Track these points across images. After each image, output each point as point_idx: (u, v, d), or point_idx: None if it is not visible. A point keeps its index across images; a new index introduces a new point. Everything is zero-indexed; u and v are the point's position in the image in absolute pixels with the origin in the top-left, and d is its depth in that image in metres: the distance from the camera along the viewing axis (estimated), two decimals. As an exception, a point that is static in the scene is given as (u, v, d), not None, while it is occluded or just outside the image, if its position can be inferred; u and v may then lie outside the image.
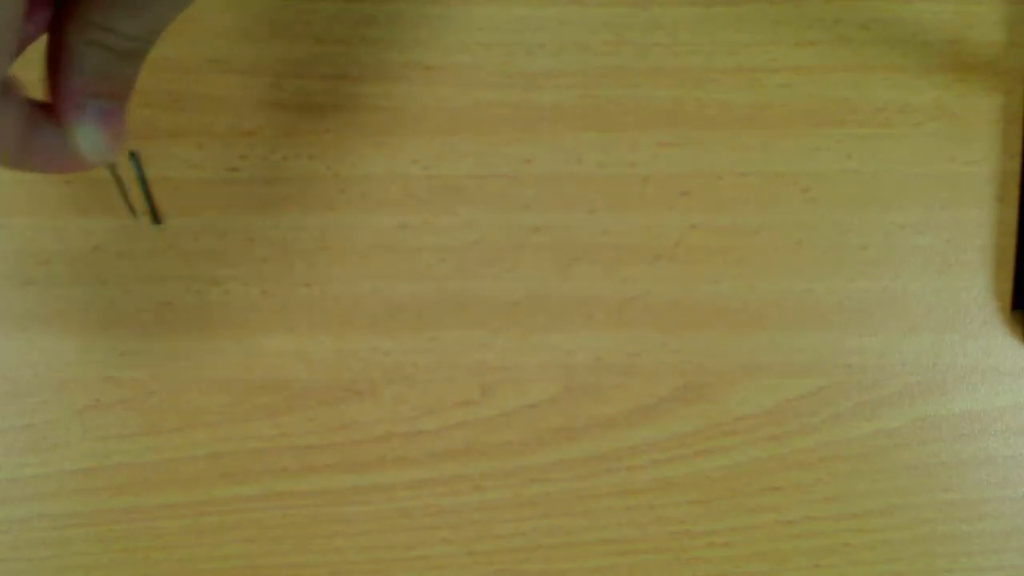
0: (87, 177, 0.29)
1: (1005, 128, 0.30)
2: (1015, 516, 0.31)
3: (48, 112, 0.20)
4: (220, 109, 0.30)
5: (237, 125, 0.30)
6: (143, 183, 0.28)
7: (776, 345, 0.31)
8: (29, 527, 0.31)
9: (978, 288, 0.31)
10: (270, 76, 0.29)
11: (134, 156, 0.28)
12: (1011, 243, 0.30)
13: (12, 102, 0.19)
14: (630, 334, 0.30)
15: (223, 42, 0.29)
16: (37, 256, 0.30)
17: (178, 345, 0.30)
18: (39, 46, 0.20)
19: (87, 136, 0.20)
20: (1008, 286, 0.31)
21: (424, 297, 0.30)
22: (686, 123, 0.30)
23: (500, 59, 0.30)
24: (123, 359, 0.30)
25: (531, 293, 0.30)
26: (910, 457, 0.31)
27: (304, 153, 0.30)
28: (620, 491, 0.31)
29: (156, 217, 0.29)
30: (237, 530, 0.31)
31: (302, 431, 0.30)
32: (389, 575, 0.31)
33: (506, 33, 0.30)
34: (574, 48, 0.30)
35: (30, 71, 0.22)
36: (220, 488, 0.31)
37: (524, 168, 0.30)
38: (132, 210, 0.28)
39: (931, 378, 0.31)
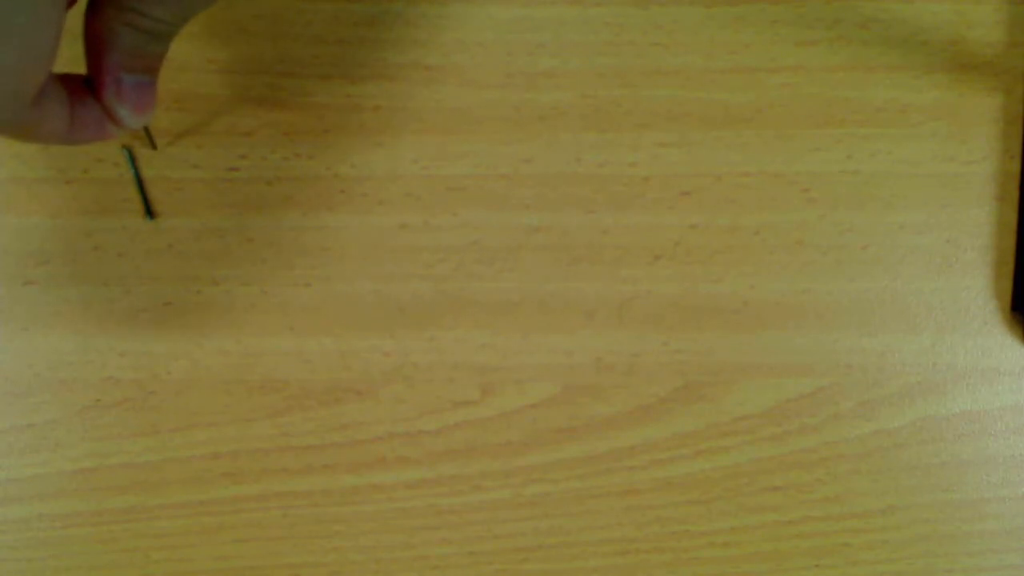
0: (87, 177, 0.29)
1: (1005, 128, 0.30)
2: (1015, 516, 0.31)
3: (84, 88, 0.22)
4: (220, 109, 0.30)
5: (237, 125, 0.30)
6: (137, 178, 0.29)
7: (776, 345, 0.31)
8: (29, 527, 0.31)
9: (978, 288, 0.31)
10: (270, 76, 0.29)
11: (128, 151, 0.29)
12: (1011, 243, 0.30)
13: (57, 90, 0.21)
14: (630, 334, 0.30)
15: (223, 42, 0.29)
16: (37, 256, 0.30)
17: (178, 345, 0.30)
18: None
19: (124, 106, 0.22)
20: (1008, 286, 0.31)
21: (424, 297, 0.30)
22: (686, 123, 0.30)
23: (500, 59, 0.30)
24: (123, 359, 0.30)
25: (531, 293, 0.30)
26: (910, 457, 0.31)
27: (304, 153, 0.30)
28: (620, 491, 0.31)
29: (150, 211, 0.30)
30: (237, 530, 0.31)
31: (302, 431, 0.30)
32: (389, 575, 0.31)
33: (506, 33, 0.30)
34: (574, 48, 0.30)
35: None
36: (220, 488, 0.31)
37: (524, 168, 0.30)
38: (148, 207, 0.29)
39: (931, 378, 0.31)
